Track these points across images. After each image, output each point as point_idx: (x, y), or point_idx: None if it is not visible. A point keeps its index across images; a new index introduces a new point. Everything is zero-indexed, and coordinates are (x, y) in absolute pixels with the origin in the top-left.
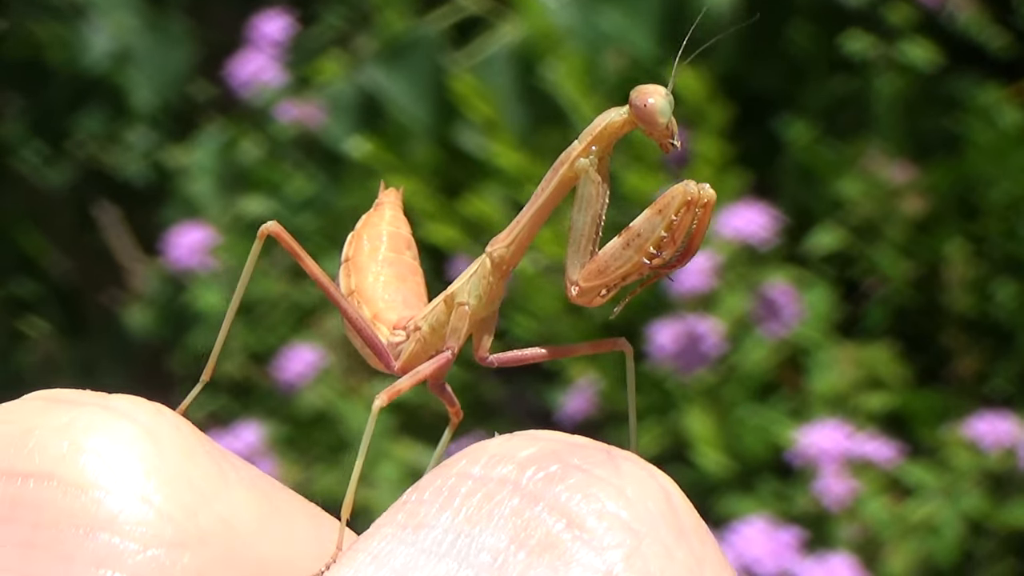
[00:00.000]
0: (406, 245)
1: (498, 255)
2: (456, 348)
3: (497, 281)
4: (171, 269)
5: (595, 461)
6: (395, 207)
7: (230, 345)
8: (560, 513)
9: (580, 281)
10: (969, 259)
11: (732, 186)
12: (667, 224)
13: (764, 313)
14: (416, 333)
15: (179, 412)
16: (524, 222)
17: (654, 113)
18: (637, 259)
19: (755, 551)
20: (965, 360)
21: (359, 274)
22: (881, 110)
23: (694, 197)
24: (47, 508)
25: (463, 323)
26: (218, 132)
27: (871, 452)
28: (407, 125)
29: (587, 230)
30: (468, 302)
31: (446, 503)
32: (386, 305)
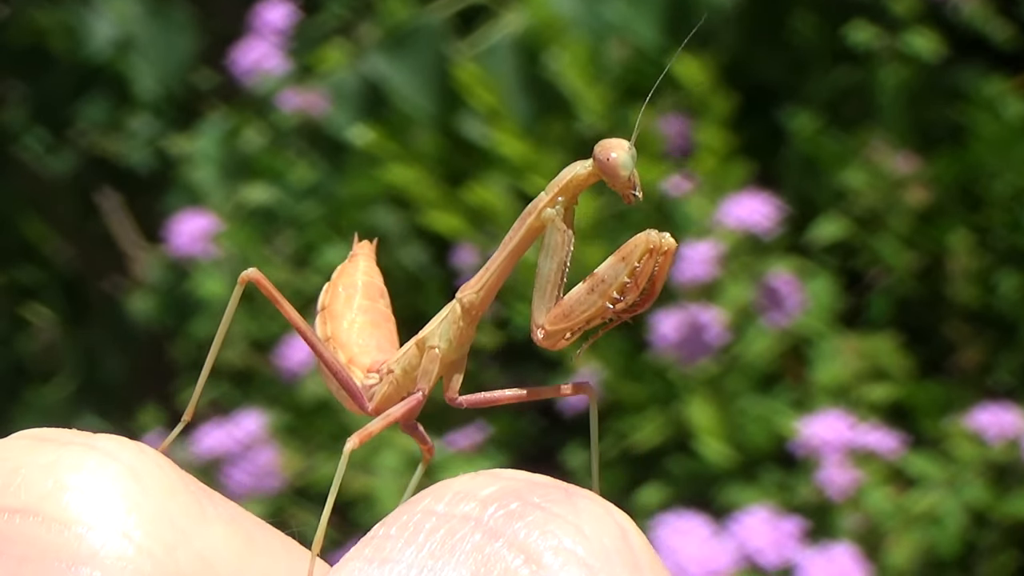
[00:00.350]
0: (379, 294)
1: (468, 301)
2: (427, 389)
3: (467, 326)
4: (173, 256)
5: (553, 499)
6: (368, 258)
7: (232, 333)
8: (519, 549)
9: (546, 324)
10: (973, 250)
11: (735, 176)
12: (630, 271)
13: (767, 303)
14: (389, 376)
15: (161, 450)
16: (493, 269)
17: (616, 167)
18: (601, 303)
19: (757, 541)
20: (968, 352)
21: (335, 321)
22: (885, 101)
23: (656, 245)
24: (33, 543)
25: (434, 365)
26: (221, 120)
27: (874, 443)
28: (410, 114)
29: (553, 276)
30: (439, 345)
31: (411, 538)
32: (360, 350)
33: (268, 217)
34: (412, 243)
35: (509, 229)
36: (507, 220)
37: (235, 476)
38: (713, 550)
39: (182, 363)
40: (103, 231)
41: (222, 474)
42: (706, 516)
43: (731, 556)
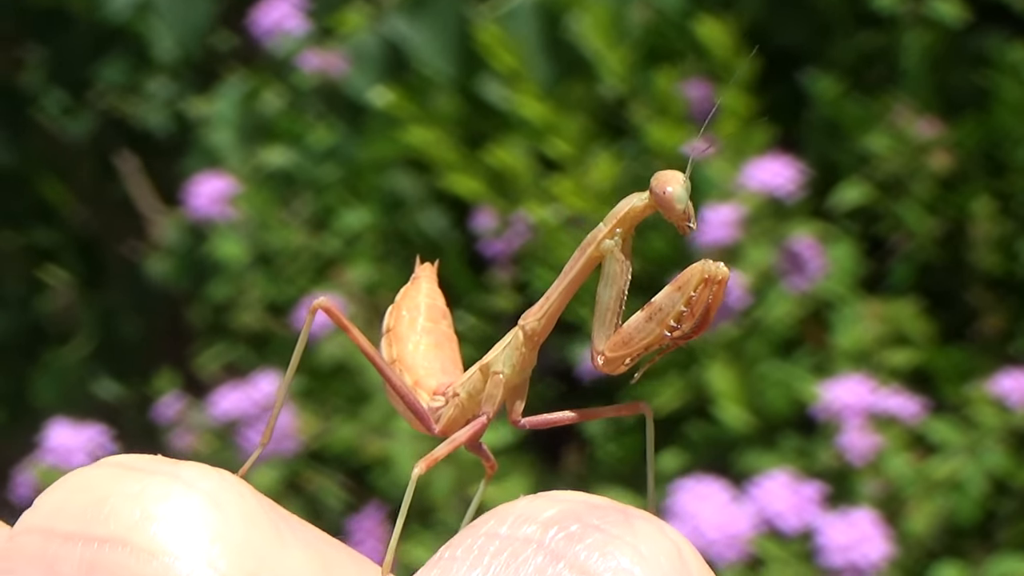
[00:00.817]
0: (442, 315)
1: (530, 328)
2: (491, 413)
3: (529, 352)
4: (191, 219)
5: (612, 521)
6: (431, 280)
7: (249, 295)
8: (580, 571)
9: (606, 351)
10: (995, 216)
11: (758, 140)
12: (686, 300)
13: (789, 267)
14: (455, 399)
15: (240, 475)
16: (554, 297)
17: (672, 201)
18: (659, 331)
19: (777, 506)
20: (990, 318)
21: (400, 343)
22: (909, 65)
23: (711, 275)
24: (121, 572)
25: (498, 390)
26: (240, 82)
27: (895, 408)
28: (430, 76)
29: (612, 304)
30: (503, 371)
31: (476, 561)
32: (426, 372)
33: (286, 180)
34: (431, 207)
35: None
36: (527, 183)
37: (252, 438)
38: (732, 515)
39: (198, 327)
40: (121, 194)
41: (239, 436)
42: (725, 482)
43: (750, 521)
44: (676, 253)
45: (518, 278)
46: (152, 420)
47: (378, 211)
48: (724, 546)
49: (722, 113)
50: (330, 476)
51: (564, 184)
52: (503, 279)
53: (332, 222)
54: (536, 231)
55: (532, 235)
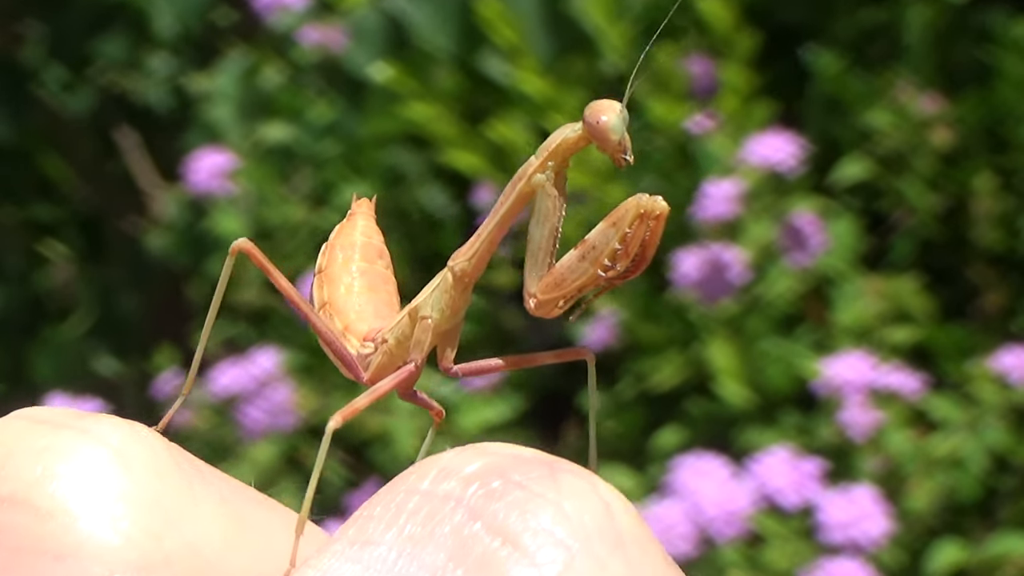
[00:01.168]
0: (378, 255)
1: (459, 269)
2: (420, 360)
3: (459, 294)
4: (191, 194)
5: (536, 477)
6: (367, 217)
7: (249, 271)
8: (497, 531)
9: (538, 293)
10: (997, 193)
11: (759, 115)
12: (621, 236)
13: (790, 243)
14: (383, 345)
15: (158, 429)
16: (484, 236)
17: (606, 131)
18: (592, 271)
19: (777, 482)
20: (992, 295)
21: (331, 285)
22: (911, 41)
23: (647, 210)
24: (21, 533)
25: (426, 336)
26: (240, 58)
27: (896, 384)
28: (431, 51)
29: (544, 243)
30: (431, 315)
31: (392, 520)
32: (357, 316)
33: (286, 155)
34: (431, 183)
35: None
36: (527, 158)
37: (251, 414)
38: (732, 491)
39: (198, 302)
40: (121, 169)
41: (238, 412)
42: (725, 458)
43: (750, 497)
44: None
45: (518, 254)
46: (151, 396)
47: (378, 187)
48: (723, 523)
49: (723, 88)
50: (329, 451)
51: None
52: (503, 255)
53: (332, 198)
54: None
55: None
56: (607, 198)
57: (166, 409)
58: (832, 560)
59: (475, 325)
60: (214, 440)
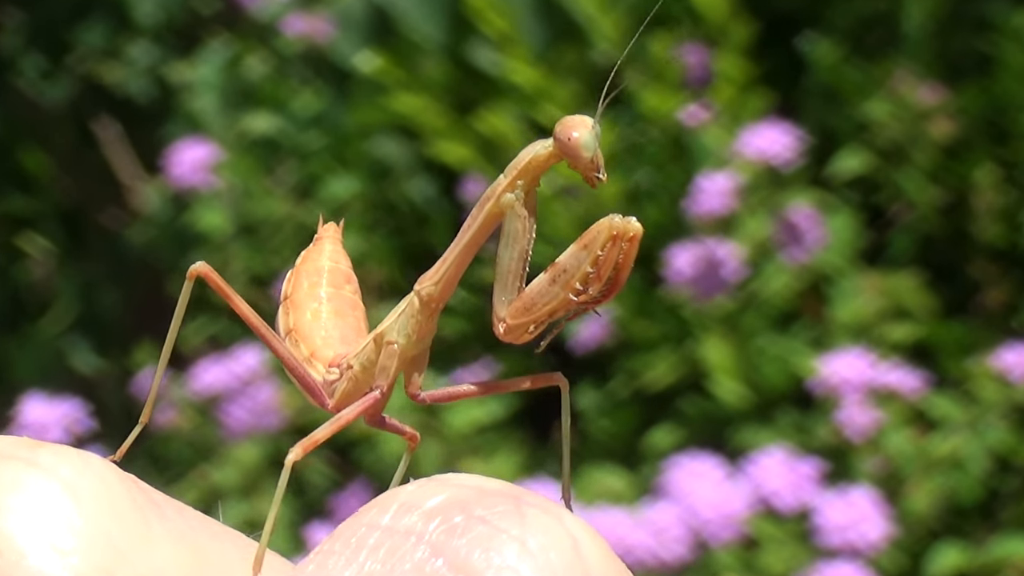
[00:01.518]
0: (346, 280)
1: (426, 293)
2: (385, 387)
3: (426, 319)
4: (172, 187)
5: (500, 512)
6: (334, 241)
7: (232, 267)
8: (460, 568)
9: (507, 318)
10: (999, 186)
11: (754, 106)
12: (592, 259)
13: (786, 238)
14: (348, 371)
15: (117, 457)
16: (451, 259)
17: (577, 148)
18: (563, 295)
19: (773, 483)
20: (993, 291)
21: (297, 311)
22: (910, 30)
23: (620, 231)
24: None
25: (392, 361)
26: (223, 47)
27: (895, 383)
28: (419, 41)
29: (514, 266)
30: (397, 340)
31: (352, 556)
32: (323, 342)
33: (270, 147)
34: (420, 175)
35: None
36: (518, 150)
37: (234, 413)
38: (728, 493)
39: None
40: (101, 161)
41: (221, 411)
42: (720, 458)
43: (746, 499)
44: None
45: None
46: (132, 394)
47: (365, 179)
48: (719, 526)
49: (718, 79)
50: (315, 452)
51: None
52: (493, 250)
53: (318, 191)
54: None
55: None
56: (600, 193)
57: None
58: (830, 564)
59: (464, 322)
60: (196, 440)
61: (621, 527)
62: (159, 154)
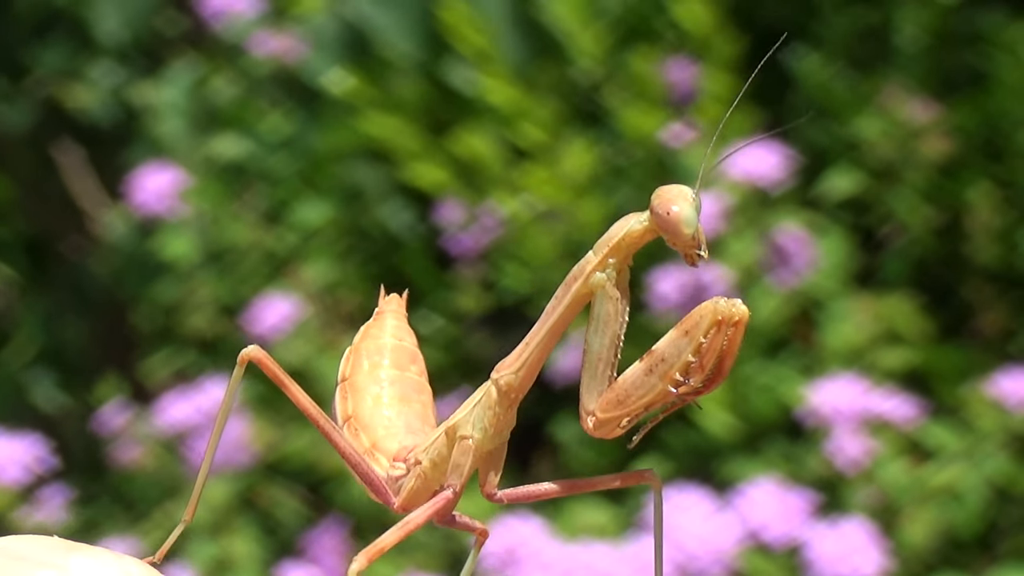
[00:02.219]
0: (410, 360)
1: (505, 382)
2: (459, 486)
3: (504, 411)
4: (137, 214)
5: None
6: (398, 316)
7: (199, 296)
8: None
9: (597, 412)
10: (995, 206)
11: (742, 124)
12: (695, 347)
13: (775, 261)
14: (416, 468)
15: (158, 558)
16: (534, 344)
17: (679, 224)
18: (662, 387)
19: (763, 515)
20: (990, 314)
21: (356, 396)
22: (903, 44)
23: (725, 316)
24: None
25: (467, 458)
26: (189, 67)
27: (889, 411)
28: (393, 59)
29: (605, 353)
30: (472, 435)
31: None
32: (386, 432)
33: (239, 172)
34: (394, 200)
35: (499, 184)
36: (496, 172)
37: (202, 449)
38: (716, 526)
39: (145, 330)
40: (62, 187)
41: (187, 447)
42: (709, 491)
43: (735, 532)
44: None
45: (487, 276)
46: (93, 430)
47: (337, 204)
48: (707, 560)
49: (703, 96)
50: (287, 487)
51: (536, 173)
52: (471, 276)
53: (288, 216)
54: (506, 225)
55: (502, 229)
56: (580, 215)
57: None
58: None
59: (440, 352)
60: (163, 478)
61: (604, 562)
62: (122, 180)
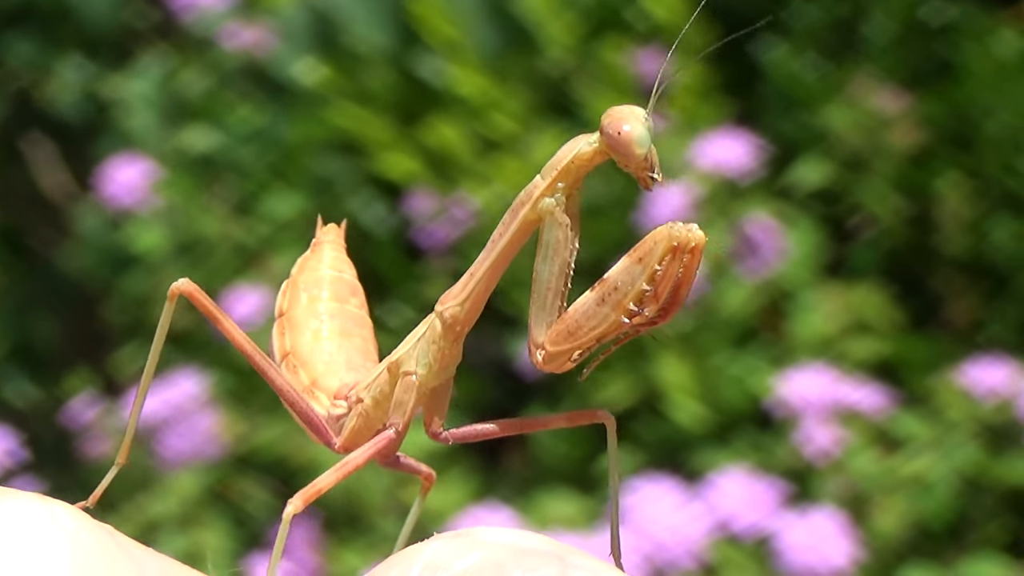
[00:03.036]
0: (351, 292)
1: (450, 314)
2: (401, 424)
3: (450, 345)
4: (107, 207)
5: (545, 573)
6: (336, 247)
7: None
8: None
9: (547, 344)
10: (964, 196)
11: (711, 114)
12: (649, 275)
13: (744, 251)
14: (359, 405)
15: (91, 502)
16: (479, 274)
17: (630, 143)
18: (614, 317)
19: (733, 506)
20: (959, 304)
21: (295, 331)
22: (872, 35)
23: (681, 241)
24: None
25: (410, 395)
26: (159, 60)
27: (858, 401)
28: (363, 51)
29: (554, 282)
30: (416, 371)
31: None
32: (326, 368)
33: (209, 164)
34: (364, 191)
35: (470, 175)
36: (467, 162)
37: (172, 443)
38: (686, 517)
39: (115, 324)
40: (32, 181)
41: (157, 441)
42: (678, 481)
43: (705, 523)
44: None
45: (457, 267)
46: (63, 423)
47: (307, 196)
48: (677, 551)
49: (674, 86)
50: (257, 479)
51: (507, 164)
52: (441, 268)
53: (258, 208)
54: (477, 216)
55: (472, 220)
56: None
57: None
58: None
59: None
60: (132, 471)
61: None
62: (93, 173)
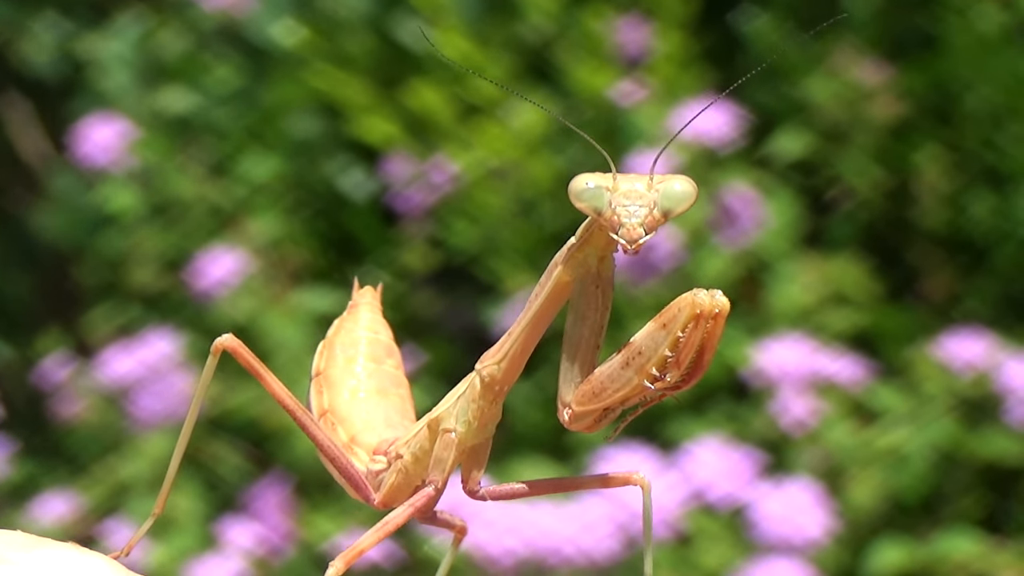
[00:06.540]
0: (387, 353)
1: (488, 373)
2: (440, 482)
3: (489, 404)
4: (82, 167)
5: None
6: (372, 308)
7: (143, 250)
8: None
9: (574, 404)
10: (943, 170)
11: (692, 83)
12: (672, 342)
13: (723, 221)
14: (398, 462)
15: (125, 553)
16: (516, 334)
17: (571, 196)
18: (637, 381)
19: (707, 474)
20: (936, 278)
21: (332, 390)
22: (853, 6)
23: (704, 309)
24: None
25: (449, 452)
26: (135, 19)
27: (835, 372)
28: (343, 14)
29: (584, 344)
30: (456, 428)
31: None
32: (364, 425)
33: (185, 125)
34: (341, 154)
35: (450, 139)
36: (448, 127)
37: (145, 403)
38: (661, 487)
39: (88, 284)
40: (6, 141)
41: (129, 402)
42: (653, 450)
43: (680, 493)
44: None
45: (435, 233)
46: (35, 383)
47: (284, 159)
48: (653, 520)
49: (655, 55)
50: (230, 442)
51: (488, 128)
52: (418, 233)
53: (234, 170)
54: (455, 181)
55: (450, 186)
56: (532, 174)
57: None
58: (767, 559)
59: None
60: (104, 432)
61: (547, 521)
62: (68, 132)
